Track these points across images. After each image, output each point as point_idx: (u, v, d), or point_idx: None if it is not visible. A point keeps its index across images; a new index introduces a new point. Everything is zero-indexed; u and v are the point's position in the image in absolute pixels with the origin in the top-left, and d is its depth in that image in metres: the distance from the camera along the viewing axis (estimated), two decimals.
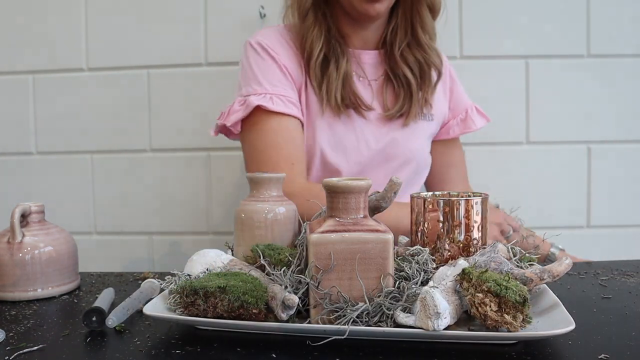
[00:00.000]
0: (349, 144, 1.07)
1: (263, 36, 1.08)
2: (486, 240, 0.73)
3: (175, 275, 0.68)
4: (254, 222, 0.73)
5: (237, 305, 0.59)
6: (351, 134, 1.07)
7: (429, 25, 1.08)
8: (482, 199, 0.71)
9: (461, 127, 1.19)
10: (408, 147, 1.11)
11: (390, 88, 1.11)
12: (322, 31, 1.05)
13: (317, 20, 1.06)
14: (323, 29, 1.06)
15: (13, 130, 1.43)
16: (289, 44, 1.09)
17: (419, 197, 0.72)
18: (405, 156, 1.11)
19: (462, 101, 1.21)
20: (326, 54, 1.06)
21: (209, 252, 0.72)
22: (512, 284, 0.57)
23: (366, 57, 1.11)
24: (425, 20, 1.07)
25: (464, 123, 1.19)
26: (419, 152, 1.14)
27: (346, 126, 1.07)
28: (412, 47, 1.09)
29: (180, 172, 1.41)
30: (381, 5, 1.01)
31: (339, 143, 1.07)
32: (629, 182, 1.38)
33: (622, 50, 1.36)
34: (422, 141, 1.15)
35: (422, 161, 1.15)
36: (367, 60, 1.11)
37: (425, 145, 1.16)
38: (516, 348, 0.58)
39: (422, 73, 1.09)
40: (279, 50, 1.07)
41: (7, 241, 0.81)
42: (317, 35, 1.05)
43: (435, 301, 0.55)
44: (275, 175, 0.76)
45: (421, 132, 1.14)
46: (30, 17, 1.41)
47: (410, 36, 1.09)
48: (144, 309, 0.62)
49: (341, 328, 0.57)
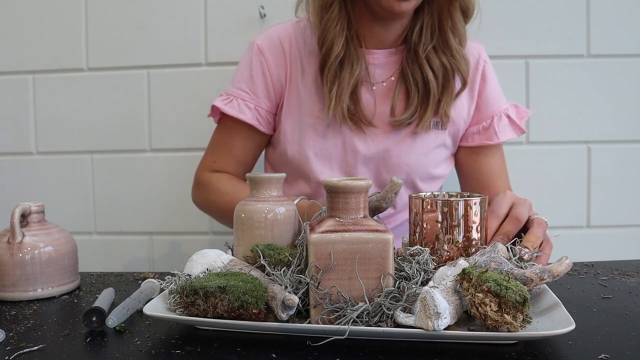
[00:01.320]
0: (334, 151, 1.02)
1: (263, 39, 1.06)
2: (486, 241, 0.72)
3: (175, 275, 0.68)
4: (254, 222, 0.73)
5: (237, 305, 0.59)
6: (338, 139, 1.02)
7: (460, 29, 0.99)
8: (481, 199, 0.71)
9: (482, 137, 1.07)
10: (404, 160, 1.03)
11: (402, 91, 1.02)
12: (344, 28, 0.98)
13: (340, 13, 0.98)
14: (345, 25, 0.98)
15: (13, 130, 1.43)
16: (291, 45, 1.04)
17: (418, 198, 0.72)
18: (399, 169, 1.04)
19: (492, 106, 1.07)
20: (345, 54, 0.99)
21: (209, 252, 0.72)
22: (512, 284, 0.58)
23: (375, 57, 1.03)
24: (456, 23, 0.99)
25: (486, 132, 1.07)
26: (418, 167, 1.04)
27: (334, 130, 1.02)
28: (439, 51, 1.00)
29: (180, 172, 1.41)
30: (409, 4, 0.93)
31: (323, 150, 1.03)
32: (629, 182, 1.38)
33: (622, 50, 1.36)
34: (424, 153, 1.04)
35: (422, 176, 1.06)
36: (375, 60, 1.03)
37: (430, 158, 1.05)
38: (516, 348, 0.58)
39: (445, 80, 1.00)
40: (273, 56, 1.04)
41: (7, 241, 0.81)
42: (339, 31, 0.98)
43: (435, 301, 0.56)
44: (275, 175, 0.75)
45: (426, 143, 1.04)
46: (30, 17, 1.41)
47: (438, 38, 1.00)
48: (144, 309, 0.63)
49: (341, 328, 0.57)
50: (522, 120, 1.09)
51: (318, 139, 1.03)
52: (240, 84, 1.06)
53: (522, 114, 1.09)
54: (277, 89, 1.05)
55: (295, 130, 1.04)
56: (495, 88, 1.09)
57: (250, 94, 1.05)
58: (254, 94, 1.05)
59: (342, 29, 0.98)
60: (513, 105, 1.09)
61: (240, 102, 1.05)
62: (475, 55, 1.07)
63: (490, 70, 1.09)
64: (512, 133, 1.07)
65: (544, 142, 1.38)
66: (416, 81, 1.00)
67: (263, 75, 1.04)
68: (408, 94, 1.02)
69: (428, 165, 1.05)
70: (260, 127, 1.06)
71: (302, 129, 1.04)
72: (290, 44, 1.05)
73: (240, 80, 1.06)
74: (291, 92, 1.05)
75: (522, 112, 1.09)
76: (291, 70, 1.04)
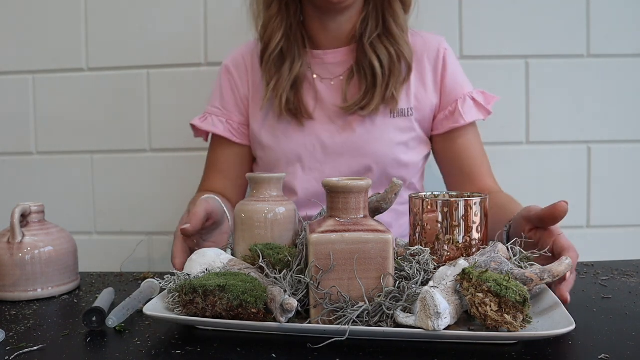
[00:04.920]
0: (303, 149, 1.07)
1: (230, 59, 1.16)
2: (487, 241, 0.72)
3: (174, 275, 0.68)
4: (254, 222, 0.73)
5: (236, 305, 0.59)
6: (302, 135, 1.07)
7: (401, 18, 1.06)
8: (482, 199, 0.71)
9: (450, 121, 1.09)
10: (370, 148, 1.06)
11: (354, 82, 1.08)
12: (282, 24, 1.06)
13: (280, 11, 1.06)
14: (284, 22, 1.06)
15: (13, 130, 1.43)
16: (253, 59, 1.13)
17: (418, 198, 0.72)
18: (366, 157, 1.06)
19: (455, 91, 1.10)
20: (283, 49, 1.06)
21: (208, 251, 0.72)
22: (512, 284, 0.58)
23: (331, 56, 1.09)
24: (397, 13, 1.05)
25: (452, 116, 1.09)
26: (385, 155, 1.06)
27: (295, 128, 1.08)
28: (383, 38, 1.06)
29: (180, 172, 1.41)
30: None
31: (292, 150, 1.08)
32: (629, 182, 1.38)
33: (622, 50, 1.36)
34: (389, 140, 1.06)
35: (391, 164, 1.07)
36: (332, 59, 1.09)
37: (397, 145, 1.07)
38: (516, 348, 0.58)
39: (391, 65, 1.05)
40: (238, 72, 1.14)
41: (7, 241, 0.81)
42: (278, 26, 1.06)
43: (435, 301, 0.56)
44: (275, 175, 0.76)
45: (392, 130, 1.07)
46: (30, 17, 1.41)
47: (382, 27, 1.06)
48: (144, 309, 0.63)
49: (341, 328, 0.57)
50: (490, 104, 1.10)
51: (284, 138, 1.08)
52: (213, 102, 1.16)
53: (489, 99, 1.11)
54: (245, 104, 1.14)
55: (262, 134, 1.10)
56: (457, 73, 1.12)
57: (221, 109, 1.14)
58: (225, 108, 1.14)
59: (281, 24, 1.06)
60: (480, 92, 1.11)
61: (214, 118, 1.14)
62: (435, 45, 1.11)
63: (451, 57, 1.12)
64: (477, 114, 1.09)
65: (544, 142, 1.38)
66: (364, 70, 1.06)
67: (232, 91, 1.14)
68: (358, 84, 1.07)
69: (396, 152, 1.07)
70: (234, 139, 1.13)
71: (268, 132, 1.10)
72: (252, 57, 1.14)
73: (213, 98, 1.16)
74: (254, 101, 1.12)
75: (489, 97, 1.11)
76: (253, 81, 1.13)
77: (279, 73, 1.06)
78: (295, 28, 1.08)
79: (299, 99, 1.07)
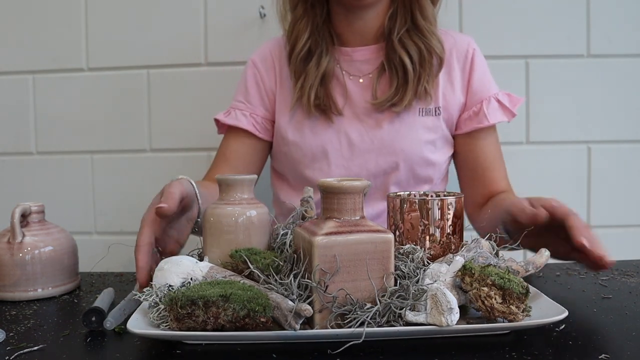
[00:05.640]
0: (330, 146, 1.06)
1: (256, 54, 1.15)
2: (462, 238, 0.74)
3: (153, 287, 0.62)
4: (223, 226, 0.69)
5: (242, 315, 0.56)
6: (329, 132, 1.07)
7: (429, 11, 1.05)
8: (457, 198, 0.72)
9: (474, 122, 1.08)
10: (398, 146, 1.05)
11: (384, 79, 1.07)
12: (309, 24, 1.06)
13: (306, 12, 1.06)
14: (310, 22, 1.06)
15: (13, 130, 1.43)
16: (281, 54, 1.11)
17: (396, 197, 0.73)
18: (394, 155, 1.05)
19: (481, 92, 1.09)
20: (310, 48, 1.06)
21: (182, 259, 0.66)
22: (512, 277, 0.60)
23: (359, 54, 1.09)
24: (425, 7, 1.04)
25: (476, 117, 1.08)
26: (413, 153, 1.05)
27: (323, 124, 1.07)
28: (412, 34, 1.05)
29: (180, 172, 1.40)
30: None
31: (319, 146, 1.06)
32: (629, 182, 1.38)
33: (622, 50, 1.36)
34: (418, 139, 1.06)
35: (418, 162, 1.07)
36: (360, 57, 1.09)
37: (425, 143, 1.06)
38: (516, 348, 0.58)
39: (421, 60, 1.04)
40: (265, 67, 1.13)
41: (7, 241, 0.81)
42: (304, 27, 1.06)
43: (447, 297, 0.57)
44: (247, 177, 0.72)
45: (420, 128, 1.06)
46: (30, 17, 1.41)
47: (410, 22, 1.05)
48: (127, 326, 0.58)
49: (355, 331, 0.57)
50: (515, 107, 1.10)
51: (311, 134, 1.07)
52: (237, 96, 1.15)
53: (514, 101, 1.10)
54: (271, 98, 1.13)
55: (288, 130, 1.09)
56: (484, 74, 1.11)
57: (245, 103, 1.13)
58: (249, 102, 1.13)
59: (307, 25, 1.06)
60: (505, 94, 1.11)
61: (237, 112, 1.13)
62: (464, 45, 1.11)
63: (479, 57, 1.11)
64: (502, 116, 1.08)
65: (544, 142, 1.38)
66: (395, 67, 1.05)
67: (257, 84, 1.13)
68: (389, 81, 1.06)
69: (424, 151, 1.07)
70: (257, 133, 1.12)
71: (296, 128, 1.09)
72: (280, 51, 1.12)
73: (238, 93, 1.15)
74: (282, 96, 1.11)
75: (515, 99, 1.10)
76: (280, 76, 1.12)
77: (306, 71, 1.06)
78: (322, 27, 1.07)
79: (328, 95, 1.06)
